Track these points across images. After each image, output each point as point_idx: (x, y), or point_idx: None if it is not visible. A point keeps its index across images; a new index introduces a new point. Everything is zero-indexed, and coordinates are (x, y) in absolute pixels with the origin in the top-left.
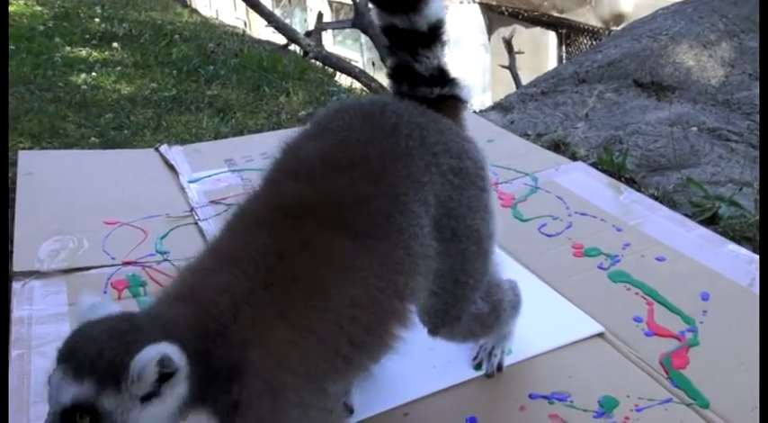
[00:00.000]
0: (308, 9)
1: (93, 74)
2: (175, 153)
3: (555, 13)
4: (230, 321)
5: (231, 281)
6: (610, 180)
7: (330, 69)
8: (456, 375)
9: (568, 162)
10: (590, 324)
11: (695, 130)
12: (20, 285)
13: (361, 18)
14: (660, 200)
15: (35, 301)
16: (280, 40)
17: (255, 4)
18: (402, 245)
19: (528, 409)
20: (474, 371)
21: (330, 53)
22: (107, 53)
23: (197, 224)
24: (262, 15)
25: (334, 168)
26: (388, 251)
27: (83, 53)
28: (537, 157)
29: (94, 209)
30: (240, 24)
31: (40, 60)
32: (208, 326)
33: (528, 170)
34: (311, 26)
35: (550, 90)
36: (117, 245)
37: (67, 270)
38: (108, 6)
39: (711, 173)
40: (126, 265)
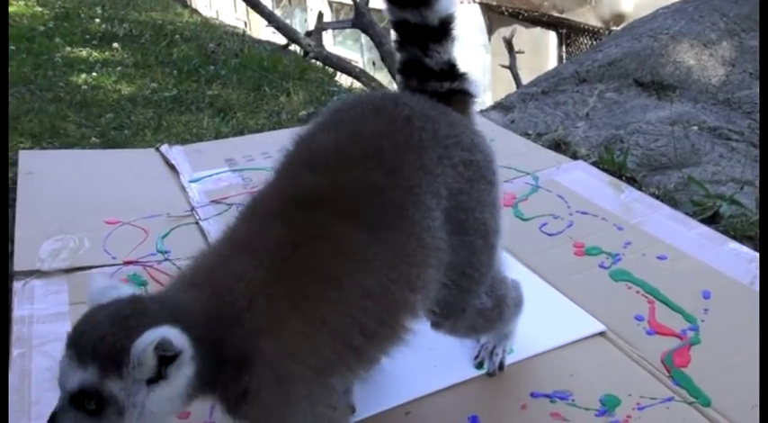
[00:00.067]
0: (308, 9)
1: (94, 74)
2: (176, 153)
3: (555, 13)
4: (244, 310)
5: (247, 269)
6: (611, 179)
7: (330, 69)
8: (457, 374)
9: (569, 161)
10: (591, 323)
11: (696, 129)
12: (21, 285)
13: (361, 18)
14: (661, 199)
15: (36, 301)
16: (280, 40)
17: (256, 4)
18: (415, 237)
19: (529, 407)
20: (475, 370)
21: (330, 53)
22: (107, 53)
23: (198, 224)
24: (262, 15)
25: (348, 160)
26: (401, 243)
27: (83, 53)
28: (538, 157)
29: (95, 208)
30: (240, 25)
31: (40, 61)
32: (221, 313)
33: (529, 169)
34: (311, 26)
35: (551, 89)
36: (118, 244)
37: (68, 269)
38: (108, 7)
39: (712, 172)
40: (127, 264)
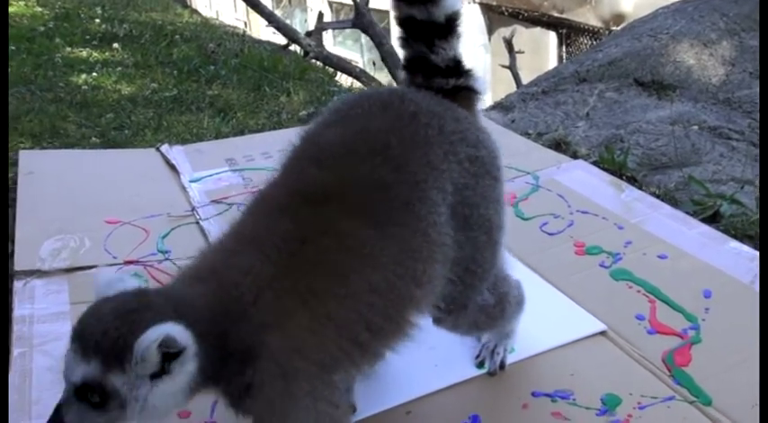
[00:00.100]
0: (308, 10)
1: (94, 74)
2: (176, 153)
3: (555, 14)
4: (250, 304)
5: (254, 264)
6: (611, 178)
7: (331, 69)
8: (458, 373)
9: (569, 160)
10: (592, 322)
11: (696, 128)
12: (21, 284)
13: (361, 18)
14: (661, 198)
15: (37, 300)
16: (280, 40)
17: (256, 4)
18: (421, 232)
19: (531, 406)
20: (476, 369)
21: (330, 53)
22: (108, 54)
23: (198, 223)
24: (262, 15)
25: (355, 155)
26: (407, 238)
27: (83, 54)
28: (538, 156)
29: (96, 208)
30: (240, 25)
31: (40, 61)
32: (227, 307)
33: (529, 169)
34: (311, 27)
35: (551, 89)
36: (118, 244)
37: (69, 269)
38: (108, 7)
39: (713, 171)
40: (127, 264)
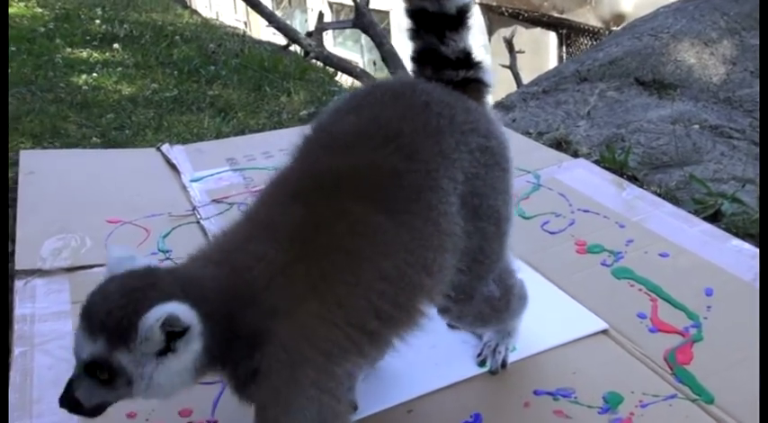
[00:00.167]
0: (308, 10)
1: (95, 75)
2: (177, 152)
3: (555, 14)
4: (262, 289)
5: (268, 250)
6: (612, 177)
7: (331, 69)
8: (460, 372)
9: (570, 159)
10: (594, 321)
11: (697, 127)
12: (22, 284)
13: (361, 18)
14: (663, 197)
15: (38, 299)
16: (280, 41)
17: (256, 5)
18: (432, 221)
19: (532, 405)
20: (478, 368)
21: (331, 53)
22: (108, 54)
23: (199, 223)
24: (262, 15)
25: (367, 143)
26: (419, 226)
27: (84, 54)
28: (539, 155)
29: (96, 208)
30: (240, 26)
31: (41, 61)
32: (239, 291)
33: (530, 168)
34: (311, 28)
35: (552, 89)
36: (119, 243)
37: (70, 268)
38: (108, 8)
39: (714, 170)
40: None
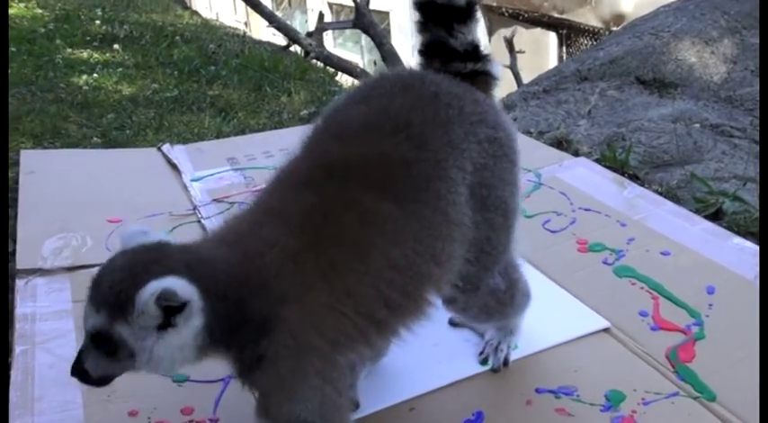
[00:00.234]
0: (308, 11)
1: (95, 75)
2: (178, 152)
3: (555, 14)
4: (273, 276)
5: (280, 237)
6: (613, 175)
7: (331, 69)
8: (462, 370)
9: (571, 158)
10: (595, 319)
11: (698, 126)
12: (23, 283)
13: (361, 18)
14: (664, 196)
15: (39, 298)
16: (280, 42)
17: (256, 5)
18: (440, 211)
19: (534, 403)
20: (480, 366)
21: (331, 53)
22: (108, 55)
23: (200, 222)
24: (263, 16)
25: (377, 132)
26: (428, 216)
27: (84, 55)
28: (540, 154)
29: (97, 207)
30: (240, 27)
31: (41, 62)
32: (249, 276)
33: (531, 167)
34: (311, 28)
35: (552, 88)
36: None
37: (71, 268)
38: (108, 9)
39: (715, 169)
40: None
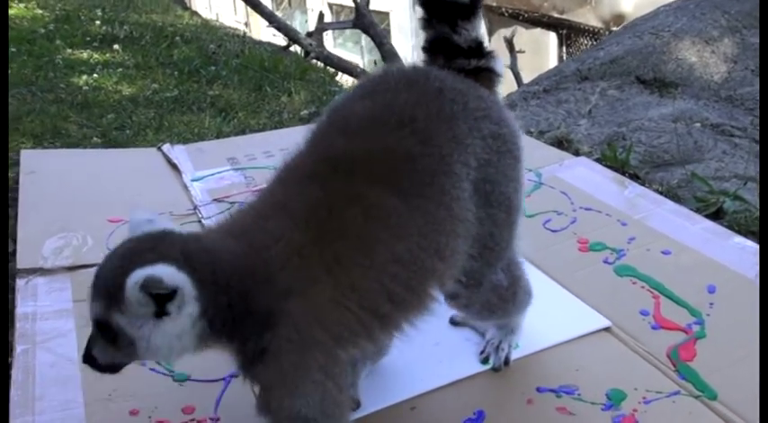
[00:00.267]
0: (308, 11)
1: (95, 75)
2: (178, 152)
3: (555, 14)
4: (278, 269)
5: (286, 230)
6: (614, 175)
7: (331, 69)
8: (463, 369)
9: (572, 158)
10: (596, 318)
11: (698, 125)
12: (24, 282)
13: (362, 18)
14: (664, 195)
15: (39, 298)
16: (280, 42)
17: (256, 5)
18: (444, 206)
19: (535, 402)
20: (481, 365)
21: (331, 53)
22: (108, 55)
23: (200, 222)
24: (263, 16)
25: (382, 127)
26: (432, 210)
27: (84, 55)
28: (540, 154)
29: (98, 207)
30: (240, 27)
31: (41, 62)
32: (255, 268)
33: (531, 166)
34: (311, 29)
35: (553, 88)
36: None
37: (72, 267)
38: (108, 9)
39: (715, 168)
40: None
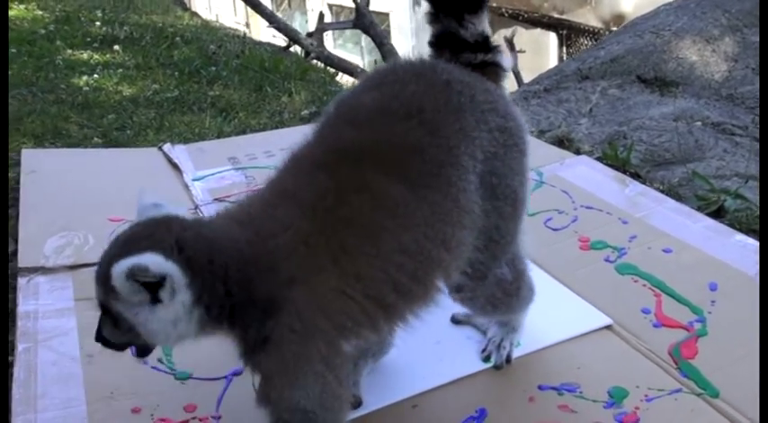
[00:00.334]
0: (307, 12)
1: (95, 76)
2: (179, 152)
3: (555, 15)
4: (284, 258)
5: (294, 219)
6: (615, 173)
7: (332, 70)
8: (464, 367)
9: (573, 156)
10: (598, 316)
11: (699, 124)
12: (25, 281)
13: (362, 18)
14: (666, 194)
15: (41, 296)
16: (281, 43)
17: (256, 5)
18: (451, 197)
19: (537, 399)
20: (483, 363)
21: (332, 53)
22: (108, 56)
23: None
24: (263, 16)
25: (390, 117)
26: (439, 201)
27: (84, 56)
28: (541, 152)
29: (99, 206)
30: (240, 29)
31: (41, 63)
32: (260, 257)
33: (532, 165)
34: (311, 29)
35: (553, 87)
36: None
37: (73, 266)
38: (108, 10)
39: (716, 167)
40: None
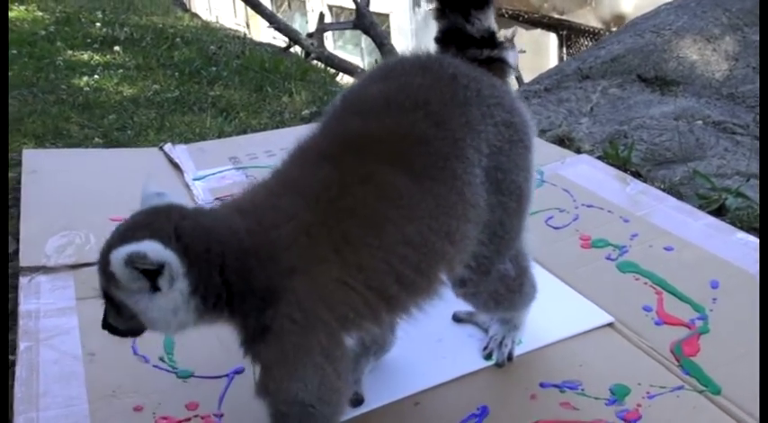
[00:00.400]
0: (307, 13)
1: (96, 76)
2: (180, 152)
3: (555, 15)
4: (285, 248)
5: (298, 209)
6: (616, 172)
7: (332, 70)
8: (466, 365)
9: (574, 155)
10: (599, 314)
11: (700, 123)
12: (27, 280)
13: (362, 19)
14: (667, 193)
15: (42, 296)
16: (281, 44)
17: (256, 5)
18: (456, 190)
19: (539, 397)
20: (484, 361)
21: (332, 54)
22: (109, 56)
23: None
24: (263, 16)
25: (397, 109)
26: (444, 194)
27: (84, 57)
28: (542, 151)
29: (99, 206)
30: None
31: (42, 64)
32: (261, 246)
33: None
34: (311, 31)
35: (554, 86)
36: None
37: (74, 265)
38: (109, 11)
39: (717, 165)
40: None
